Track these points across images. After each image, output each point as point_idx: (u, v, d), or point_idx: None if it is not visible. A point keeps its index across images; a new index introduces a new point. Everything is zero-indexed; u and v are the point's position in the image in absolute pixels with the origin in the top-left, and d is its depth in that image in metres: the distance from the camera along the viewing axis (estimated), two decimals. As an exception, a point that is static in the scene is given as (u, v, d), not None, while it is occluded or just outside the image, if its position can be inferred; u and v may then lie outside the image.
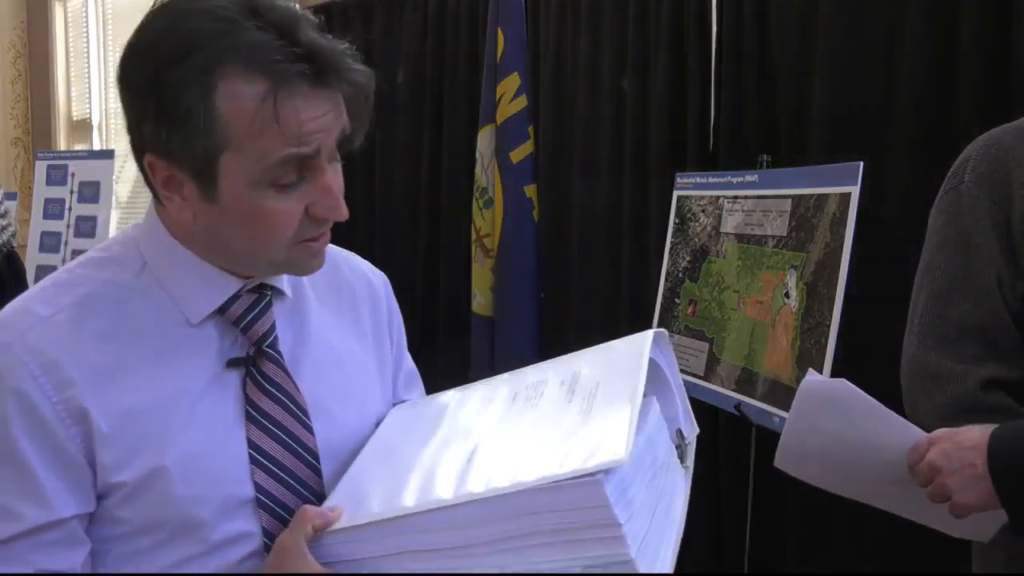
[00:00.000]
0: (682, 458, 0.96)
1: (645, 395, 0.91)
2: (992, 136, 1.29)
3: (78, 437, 0.84)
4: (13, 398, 0.83)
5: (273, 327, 0.95)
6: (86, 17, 7.23)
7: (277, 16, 0.83)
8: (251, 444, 0.90)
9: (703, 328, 2.52)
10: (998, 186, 1.23)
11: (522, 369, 1.02)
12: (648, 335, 0.95)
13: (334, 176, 0.89)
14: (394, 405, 1.10)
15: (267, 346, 0.94)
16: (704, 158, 2.90)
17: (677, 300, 2.65)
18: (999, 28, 2.20)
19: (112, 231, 6.59)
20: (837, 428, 1.17)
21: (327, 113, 0.85)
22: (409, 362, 1.17)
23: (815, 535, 2.56)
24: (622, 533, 0.74)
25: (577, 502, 0.74)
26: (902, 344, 1.33)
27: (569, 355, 1.00)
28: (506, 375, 1.02)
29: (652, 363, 0.96)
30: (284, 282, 0.99)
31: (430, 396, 1.10)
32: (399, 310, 1.15)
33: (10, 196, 4.54)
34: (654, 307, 2.75)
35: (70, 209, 4.59)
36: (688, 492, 0.94)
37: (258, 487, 0.90)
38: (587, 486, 0.74)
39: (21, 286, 3.01)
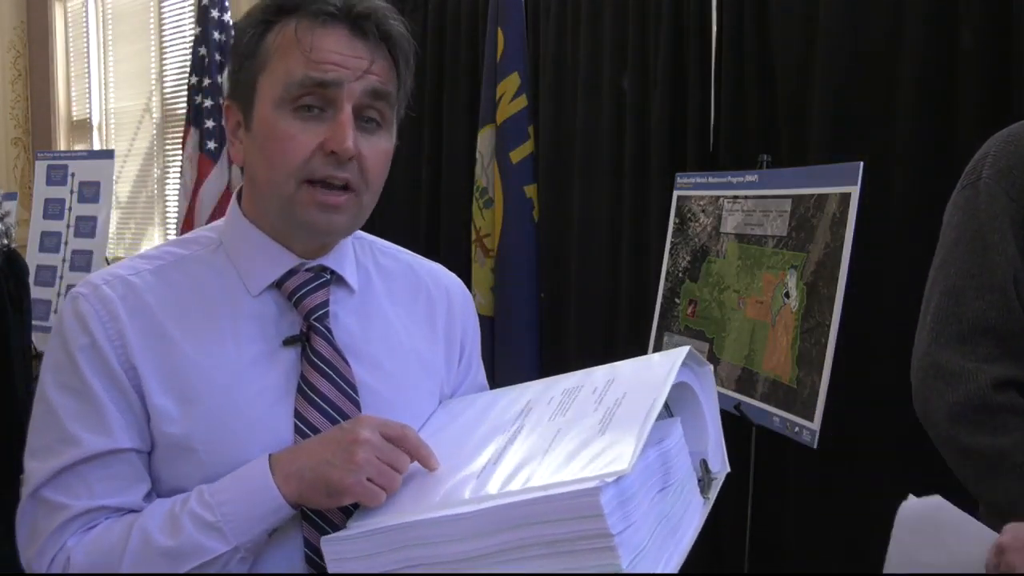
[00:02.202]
0: (703, 490, 0.95)
1: (672, 416, 0.95)
2: (1012, 132, 1.27)
3: (133, 383, 0.93)
4: (86, 339, 0.93)
5: (325, 304, 1.01)
6: (86, 17, 7.22)
7: None
8: (297, 415, 0.95)
9: (703, 328, 2.52)
10: (1016, 183, 1.21)
11: (567, 374, 1.04)
12: (681, 352, 0.95)
13: (367, 136, 0.96)
14: None
15: (316, 320, 0.99)
16: (704, 158, 2.90)
17: (677, 300, 2.65)
18: (999, 28, 2.20)
19: (112, 231, 6.60)
20: (940, 559, 1.05)
21: (354, 55, 0.94)
22: (481, 377, 1.19)
23: (815, 535, 2.56)
24: (614, 544, 0.76)
25: (572, 511, 0.77)
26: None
27: (611, 364, 1.02)
28: (551, 379, 1.05)
29: (687, 388, 0.97)
30: (349, 272, 1.05)
31: (478, 394, 1.13)
32: (477, 327, 1.19)
33: (10, 196, 4.54)
34: (654, 307, 2.75)
35: (70, 209, 4.59)
36: (702, 523, 0.93)
37: None
38: (583, 496, 0.76)
39: (21, 287, 3.00)
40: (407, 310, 1.10)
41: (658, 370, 0.93)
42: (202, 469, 0.93)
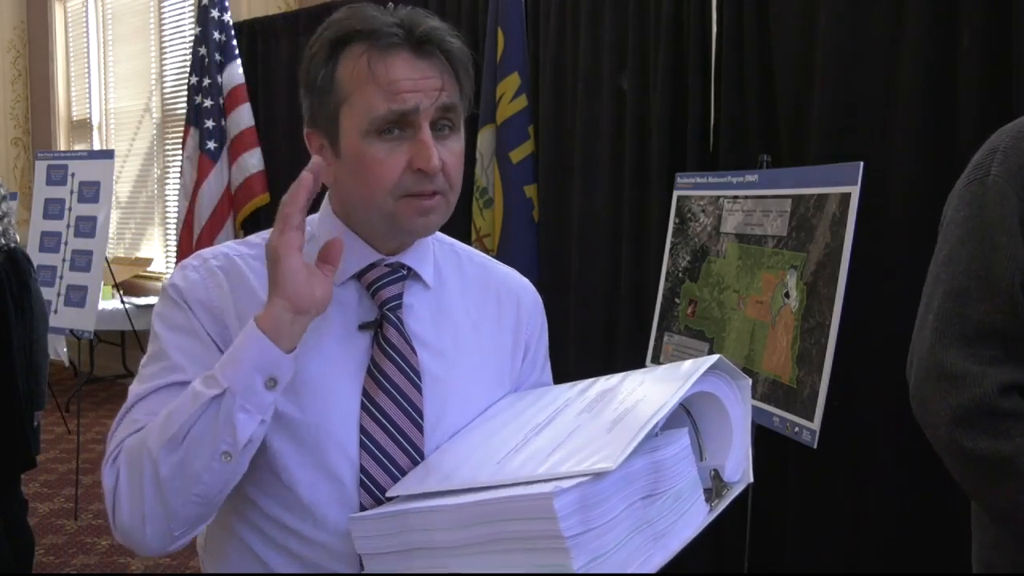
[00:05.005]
0: (709, 499, 0.96)
1: (693, 423, 0.99)
2: (1021, 127, 1.23)
3: (226, 340, 1.04)
4: (192, 296, 1.08)
5: (399, 296, 1.11)
6: (86, 17, 7.22)
7: (401, 11, 1.05)
8: (365, 393, 1.07)
9: (703, 328, 2.53)
10: None
11: (612, 374, 1.08)
12: (707, 361, 0.97)
13: (442, 142, 1.04)
14: None
15: (389, 310, 1.10)
16: (704, 158, 2.91)
17: (677, 300, 2.65)
18: (999, 28, 2.20)
19: (112, 231, 6.60)
20: None
21: (425, 77, 1.02)
22: (545, 376, 1.27)
23: (815, 535, 2.56)
24: (566, 545, 0.81)
25: (532, 512, 0.83)
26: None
27: (651, 367, 1.07)
28: (596, 378, 1.09)
29: (715, 398, 0.98)
30: (425, 269, 1.15)
31: (536, 389, 1.19)
32: (545, 330, 1.27)
33: (10, 197, 4.54)
34: (654, 307, 2.75)
35: (70, 209, 4.58)
36: (700, 529, 0.94)
37: (363, 429, 1.05)
38: (540, 499, 0.82)
39: (23, 287, 2.99)
40: (478, 308, 1.19)
41: (678, 378, 0.95)
42: (286, 427, 1.04)
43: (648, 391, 0.95)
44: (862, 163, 2.10)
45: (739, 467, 1.02)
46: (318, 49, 1.06)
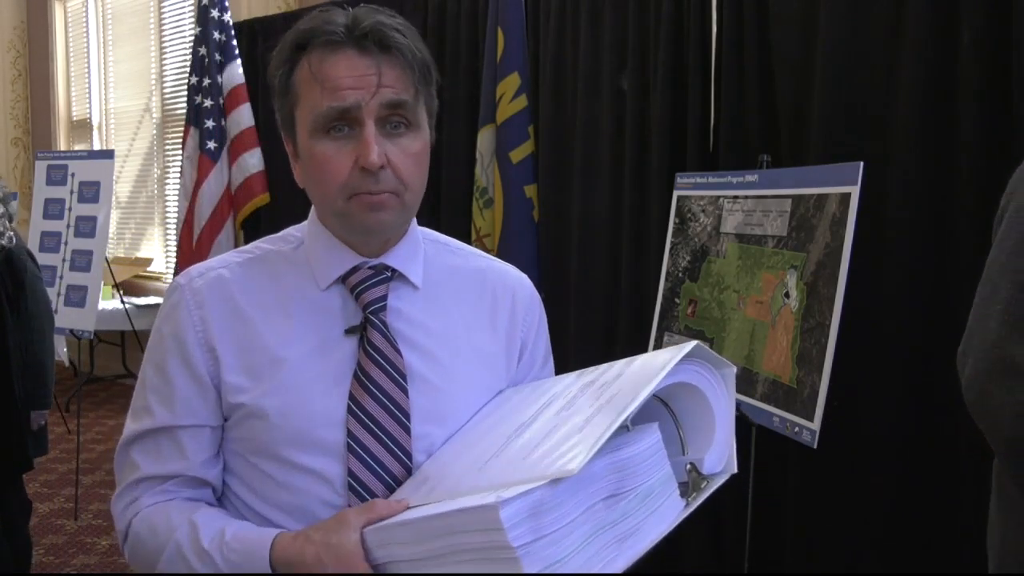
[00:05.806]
0: (686, 493, 0.93)
1: (672, 413, 0.97)
2: None
3: (209, 363, 1.09)
4: (173, 325, 1.11)
5: (383, 298, 1.11)
6: (86, 17, 7.22)
7: (360, 10, 1.06)
8: (351, 398, 1.07)
9: (703, 328, 2.52)
10: None
11: (597, 366, 1.07)
12: (681, 349, 0.94)
13: (394, 140, 1.05)
14: None
15: (372, 313, 1.10)
16: (704, 158, 2.90)
17: (677, 300, 2.65)
18: (999, 28, 2.20)
19: (112, 231, 6.60)
20: None
21: (363, 74, 1.02)
22: (547, 372, 1.26)
23: (815, 535, 2.56)
24: (516, 555, 0.81)
25: (480, 524, 0.83)
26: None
27: (632, 357, 1.04)
28: (583, 371, 1.08)
29: (694, 390, 0.96)
30: (412, 270, 1.15)
31: (524, 384, 1.19)
32: (543, 326, 1.26)
33: (11, 196, 4.54)
34: (654, 307, 2.75)
35: (70, 209, 4.58)
36: (674, 524, 0.92)
37: (350, 434, 1.06)
38: (485, 511, 0.82)
39: (20, 287, 2.99)
40: (471, 308, 1.18)
41: (651, 370, 0.92)
42: (276, 431, 1.06)
43: (623, 385, 0.93)
44: (862, 163, 2.10)
45: (722, 458, 0.98)
46: (278, 53, 1.09)
